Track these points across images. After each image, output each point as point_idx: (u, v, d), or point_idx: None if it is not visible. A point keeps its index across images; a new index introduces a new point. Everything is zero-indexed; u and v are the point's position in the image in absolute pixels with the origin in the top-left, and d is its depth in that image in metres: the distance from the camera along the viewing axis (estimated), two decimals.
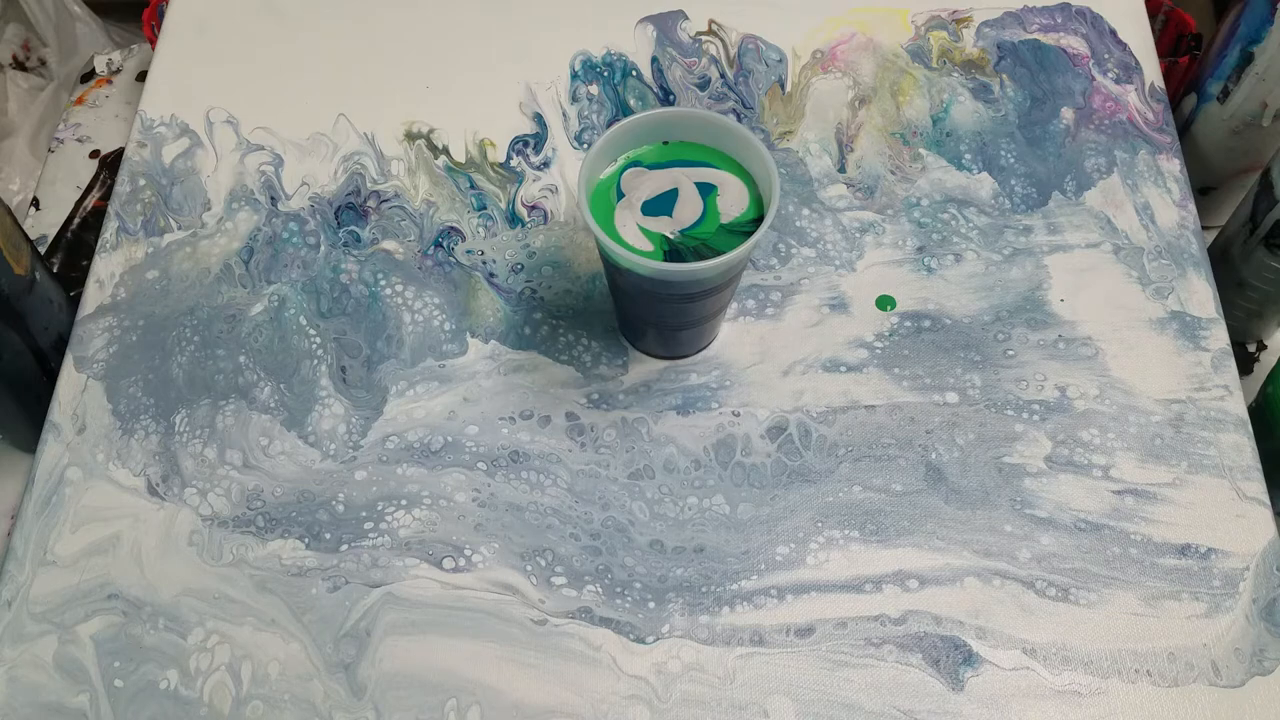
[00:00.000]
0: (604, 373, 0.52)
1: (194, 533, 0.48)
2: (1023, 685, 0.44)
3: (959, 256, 0.54)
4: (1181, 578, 0.46)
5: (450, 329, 0.53)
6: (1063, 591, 0.46)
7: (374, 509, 0.48)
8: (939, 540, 0.47)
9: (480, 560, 0.47)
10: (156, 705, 0.45)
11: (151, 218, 0.57)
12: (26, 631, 0.46)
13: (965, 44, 0.61)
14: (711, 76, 0.60)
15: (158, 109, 0.60)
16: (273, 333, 0.53)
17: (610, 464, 0.49)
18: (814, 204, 0.56)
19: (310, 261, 0.55)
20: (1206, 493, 0.48)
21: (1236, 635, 0.45)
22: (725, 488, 0.48)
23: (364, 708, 0.44)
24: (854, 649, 0.45)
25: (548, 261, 0.55)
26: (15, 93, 0.72)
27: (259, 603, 0.47)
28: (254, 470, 0.50)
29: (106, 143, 0.72)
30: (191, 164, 0.59)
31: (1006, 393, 0.50)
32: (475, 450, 0.50)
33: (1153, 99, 0.59)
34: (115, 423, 0.51)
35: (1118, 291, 0.53)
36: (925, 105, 0.59)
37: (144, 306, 0.54)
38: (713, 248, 0.43)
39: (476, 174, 0.57)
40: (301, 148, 0.59)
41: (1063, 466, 0.49)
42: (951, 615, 0.45)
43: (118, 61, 0.76)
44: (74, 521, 0.49)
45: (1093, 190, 0.56)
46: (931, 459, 0.49)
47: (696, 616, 0.46)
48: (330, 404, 0.51)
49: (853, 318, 0.53)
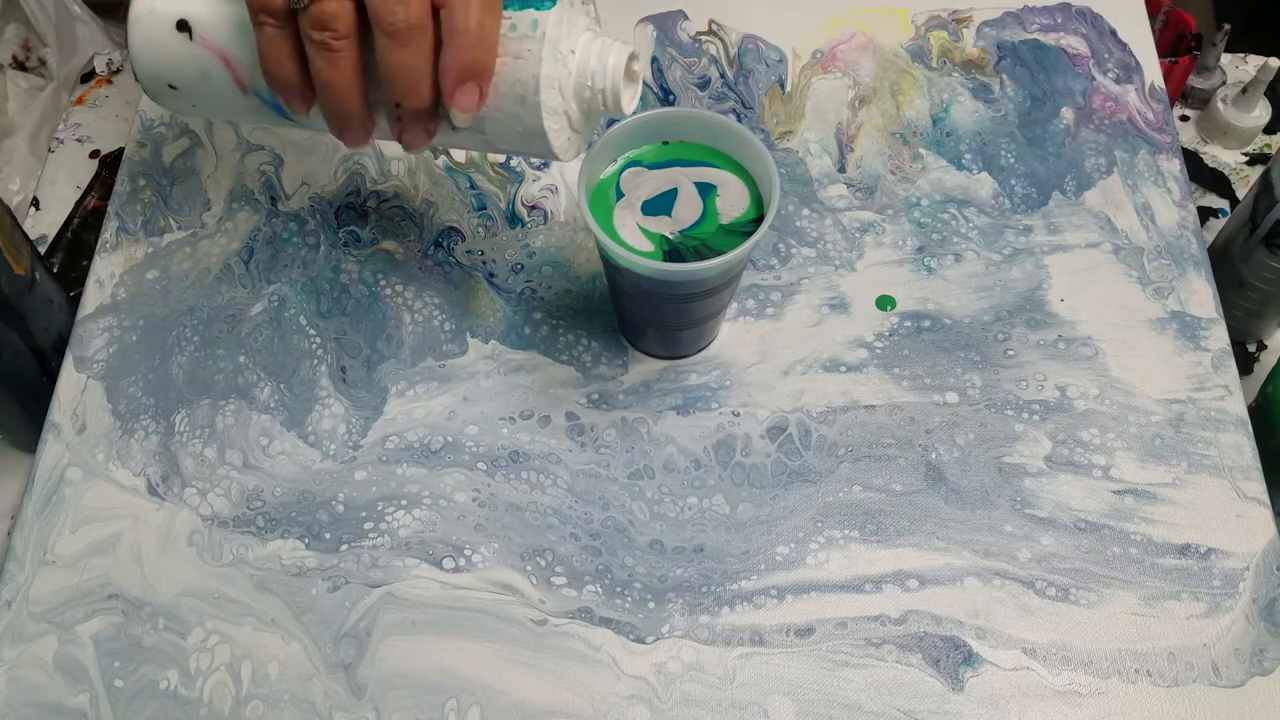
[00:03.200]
0: (604, 373, 0.52)
1: (194, 533, 0.48)
2: (1023, 685, 0.44)
3: (959, 256, 0.54)
4: (1181, 578, 0.46)
5: (450, 329, 0.53)
6: (1063, 591, 0.46)
7: (374, 509, 0.48)
8: (939, 540, 0.47)
9: (480, 560, 0.47)
10: (156, 705, 0.45)
11: (151, 218, 0.57)
12: (26, 631, 0.46)
13: (965, 44, 0.61)
14: (711, 76, 0.60)
15: (158, 109, 0.60)
16: (273, 333, 0.53)
17: (610, 464, 0.49)
18: (814, 204, 0.56)
19: (310, 261, 0.55)
20: (1206, 493, 0.48)
21: (1236, 635, 0.45)
22: (725, 488, 0.48)
23: (364, 708, 0.44)
24: (854, 649, 0.45)
25: (548, 261, 0.55)
26: (15, 93, 0.72)
27: (259, 603, 0.47)
28: (254, 470, 0.50)
29: (106, 143, 0.72)
30: (191, 164, 0.59)
31: (1006, 393, 0.50)
32: (475, 450, 0.50)
33: (1153, 99, 0.59)
34: (115, 423, 0.51)
35: (1118, 291, 0.53)
36: (925, 105, 0.59)
37: (144, 306, 0.54)
38: (713, 248, 0.43)
39: (476, 174, 0.57)
40: (301, 148, 0.59)
41: (1063, 466, 0.49)
42: (951, 615, 0.45)
43: (118, 61, 0.76)
44: (74, 521, 0.49)
45: (1093, 190, 0.56)
46: (931, 459, 0.49)
47: (696, 616, 0.46)
48: (330, 404, 0.51)
49: (853, 318, 0.53)
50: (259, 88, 0.41)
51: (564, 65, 0.39)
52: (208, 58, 0.41)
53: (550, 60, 0.38)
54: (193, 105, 0.44)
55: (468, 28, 0.36)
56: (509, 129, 0.40)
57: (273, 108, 0.42)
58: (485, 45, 0.36)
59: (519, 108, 0.38)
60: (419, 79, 0.36)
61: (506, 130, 0.40)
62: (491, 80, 0.38)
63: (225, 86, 0.42)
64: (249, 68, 0.41)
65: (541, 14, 0.37)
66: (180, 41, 0.41)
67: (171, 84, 0.43)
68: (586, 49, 0.39)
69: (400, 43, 0.35)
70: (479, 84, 0.37)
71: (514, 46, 0.38)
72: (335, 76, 0.36)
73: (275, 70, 0.38)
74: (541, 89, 0.38)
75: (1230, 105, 0.68)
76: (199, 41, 0.41)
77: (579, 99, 0.40)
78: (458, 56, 0.36)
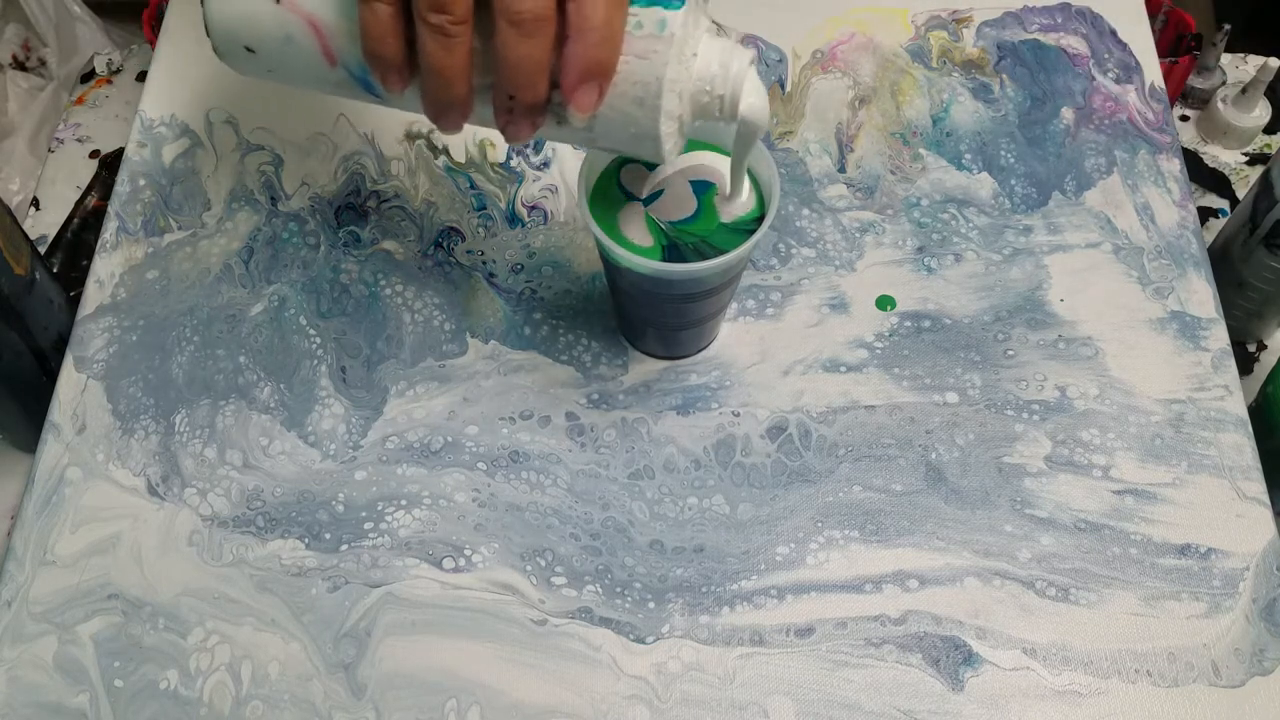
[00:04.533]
0: (604, 373, 0.52)
1: (194, 533, 0.48)
2: (1023, 685, 0.44)
3: (959, 256, 0.54)
4: (1181, 578, 0.46)
5: (450, 329, 0.53)
6: (1063, 591, 0.46)
7: (374, 509, 0.48)
8: (939, 540, 0.47)
9: (480, 560, 0.47)
10: (156, 705, 0.45)
11: (151, 218, 0.57)
12: (26, 631, 0.46)
13: (965, 44, 0.61)
14: None
15: (158, 109, 0.60)
16: (273, 333, 0.53)
17: (610, 464, 0.49)
18: (814, 204, 0.56)
19: (310, 261, 0.55)
20: (1206, 493, 0.48)
21: (1236, 635, 0.45)
22: (725, 488, 0.48)
23: (364, 708, 0.44)
24: (854, 649, 0.45)
25: (548, 261, 0.55)
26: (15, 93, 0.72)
27: (259, 603, 0.47)
28: (254, 470, 0.50)
29: (106, 143, 0.72)
30: (191, 164, 0.59)
31: (1006, 393, 0.50)
32: (475, 450, 0.50)
33: (1153, 99, 0.59)
34: (115, 423, 0.51)
35: (1118, 291, 0.53)
36: (925, 105, 0.59)
37: (144, 306, 0.54)
38: (713, 246, 0.43)
39: (476, 174, 0.57)
40: (301, 148, 0.59)
41: (1063, 466, 0.49)
42: (951, 615, 0.45)
43: (118, 61, 0.76)
44: (74, 521, 0.49)
45: (1093, 190, 0.56)
46: (931, 459, 0.49)
47: (696, 616, 0.46)
48: (330, 404, 0.51)
49: (853, 318, 0.53)
50: (349, 60, 0.38)
51: (686, 69, 0.37)
52: (295, 22, 0.38)
53: (675, 63, 0.36)
54: (269, 71, 0.41)
55: (595, 25, 0.34)
56: (621, 129, 0.38)
57: (361, 84, 0.39)
58: (611, 44, 0.35)
59: (636, 109, 0.37)
60: (538, 73, 0.35)
61: (617, 130, 0.38)
62: (612, 80, 0.36)
63: (311, 55, 0.39)
64: (342, 38, 0.38)
65: (670, 14, 0.35)
66: (265, 2, 0.38)
67: (249, 46, 0.40)
68: (708, 52, 0.37)
69: (524, 34, 0.33)
70: (600, 83, 0.35)
71: (639, 46, 0.36)
72: (448, 62, 0.35)
73: (378, 49, 0.35)
74: (664, 93, 0.36)
75: (1230, 105, 0.69)
76: (287, 4, 0.38)
77: (695, 103, 0.38)
78: (583, 54, 0.34)
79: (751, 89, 0.38)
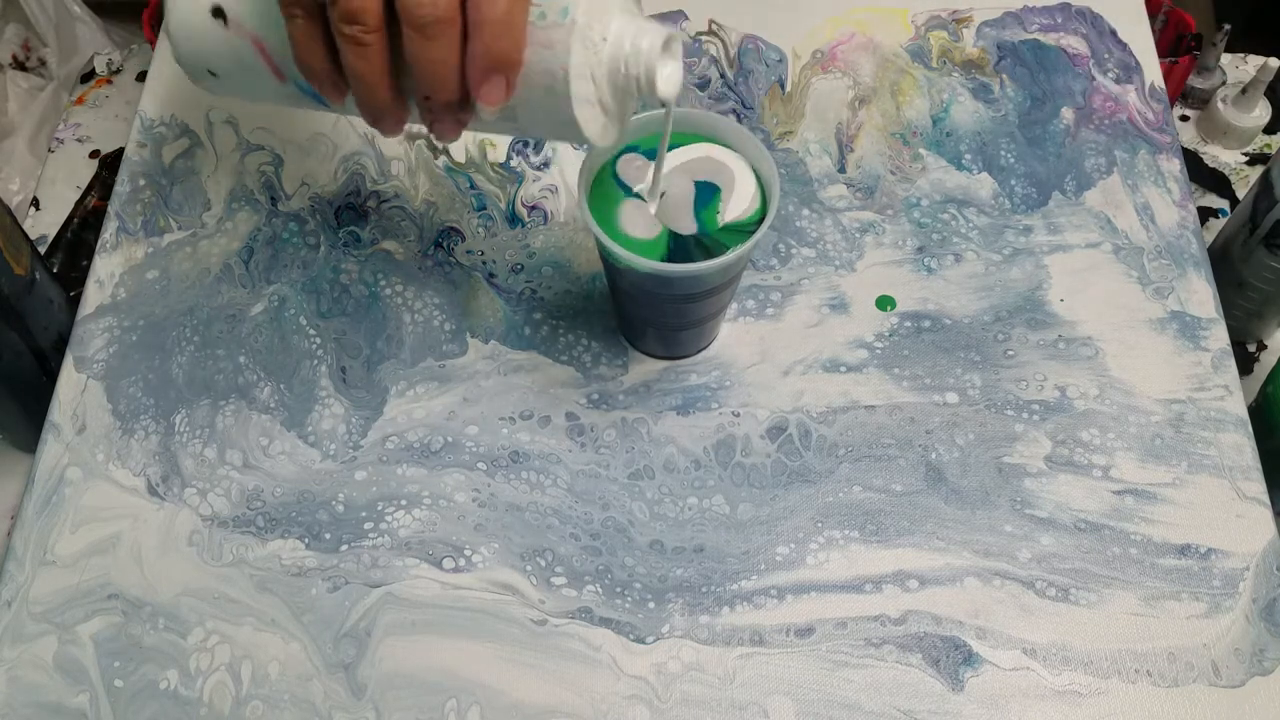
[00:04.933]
0: (604, 373, 0.52)
1: (194, 533, 0.48)
2: (1023, 685, 0.44)
3: (959, 256, 0.54)
4: (1181, 578, 0.46)
5: (450, 329, 0.53)
6: (1063, 592, 0.46)
7: (374, 509, 0.48)
8: (939, 540, 0.47)
9: (480, 560, 0.47)
10: (156, 705, 0.45)
11: (151, 218, 0.57)
12: (26, 631, 0.46)
13: (965, 44, 0.61)
14: (711, 76, 0.60)
15: (158, 109, 0.60)
16: (273, 333, 0.53)
17: (610, 464, 0.49)
18: (814, 204, 0.56)
19: (310, 261, 0.55)
20: (1206, 493, 0.48)
21: (1236, 635, 0.45)
22: (725, 488, 0.49)
23: (364, 708, 0.44)
24: (854, 649, 0.45)
25: (548, 261, 0.55)
26: (15, 93, 0.72)
27: (259, 603, 0.47)
28: (254, 470, 0.50)
29: (106, 143, 0.72)
30: (191, 164, 0.59)
31: (1006, 393, 0.50)
32: (475, 450, 0.50)
33: (1153, 99, 0.59)
34: (115, 423, 0.51)
35: (1118, 291, 0.53)
36: (925, 105, 0.59)
37: (144, 306, 0.54)
38: (713, 245, 0.43)
39: (476, 174, 0.57)
40: (301, 148, 0.59)
41: (1063, 466, 0.49)
42: (951, 615, 0.45)
43: (118, 61, 0.76)
44: (74, 521, 0.49)
45: (1093, 190, 0.56)
46: (931, 459, 0.49)
47: (696, 616, 0.46)
48: (330, 404, 0.51)
49: (853, 318, 0.53)
50: (295, 75, 0.40)
51: (595, 53, 0.37)
52: (243, 45, 0.40)
53: (580, 49, 0.36)
54: (235, 90, 0.43)
55: (493, 18, 0.35)
56: (542, 118, 0.38)
57: (310, 96, 0.41)
58: (511, 37, 0.35)
59: (549, 98, 0.37)
60: (446, 72, 0.36)
61: (539, 119, 0.38)
62: (519, 72, 0.36)
63: (262, 73, 0.41)
64: (284, 56, 0.39)
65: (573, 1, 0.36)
66: (216, 28, 0.40)
67: (211, 70, 0.42)
68: (620, 34, 0.37)
69: (428, 36, 0.34)
70: (505, 76, 0.36)
71: (543, 35, 0.36)
72: (365, 69, 0.36)
73: (308, 61, 0.37)
74: (571, 80, 0.36)
75: (1230, 105, 0.69)
76: (233, 28, 0.40)
77: (613, 85, 0.38)
78: (483, 49, 0.35)
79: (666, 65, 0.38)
